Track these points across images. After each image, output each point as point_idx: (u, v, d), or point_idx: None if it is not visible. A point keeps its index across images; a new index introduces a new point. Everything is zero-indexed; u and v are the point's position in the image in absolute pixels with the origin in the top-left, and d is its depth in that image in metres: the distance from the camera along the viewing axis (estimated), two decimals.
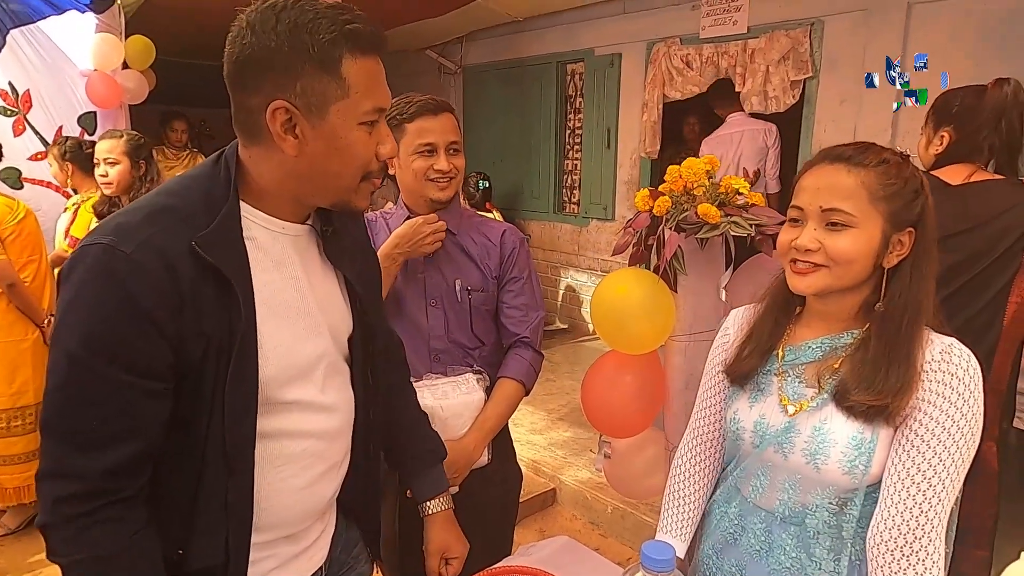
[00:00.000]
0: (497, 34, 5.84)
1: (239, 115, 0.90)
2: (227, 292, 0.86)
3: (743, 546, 1.12)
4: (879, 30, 3.71)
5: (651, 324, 1.54)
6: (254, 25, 0.84)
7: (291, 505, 0.98)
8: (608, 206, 5.34)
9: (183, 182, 0.91)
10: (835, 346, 1.06)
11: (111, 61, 3.93)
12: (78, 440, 0.81)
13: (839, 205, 0.98)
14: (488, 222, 1.61)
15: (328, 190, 0.93)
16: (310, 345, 0.97)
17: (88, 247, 0.82)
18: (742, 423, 1.12)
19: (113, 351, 0.80)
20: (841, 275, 1.00)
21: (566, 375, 4.55)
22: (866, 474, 0.99)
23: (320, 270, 1.02)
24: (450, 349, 1.54)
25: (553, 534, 3.03)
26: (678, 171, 1.54)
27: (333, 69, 0.85)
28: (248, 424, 0.89)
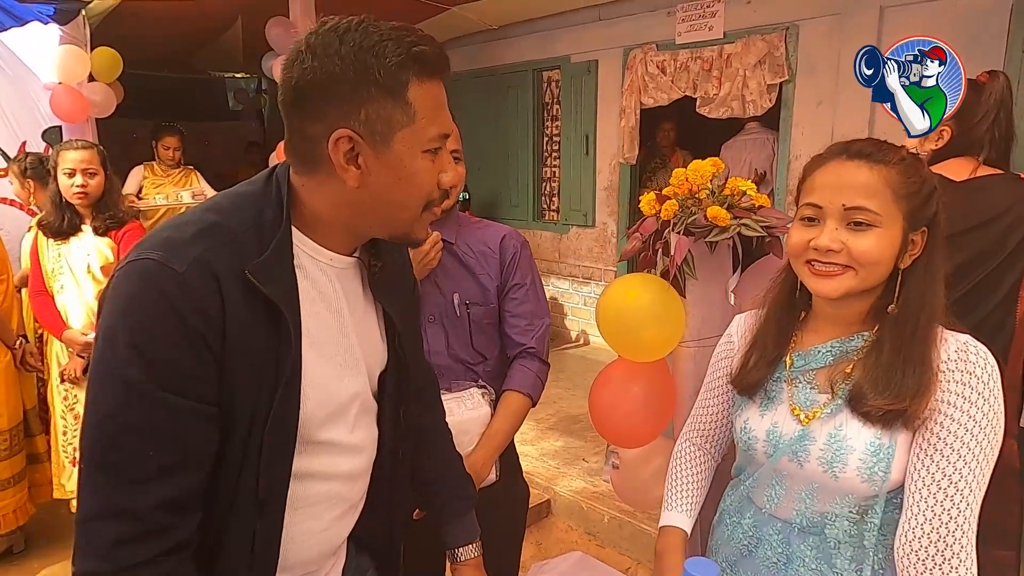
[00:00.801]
0: (473, 42, 5.82)
1: (295, 142, 0.84)
2: (277, 323, 0.81)
3: (760, 557, 1.09)
4: (853, 33, 3.77)
5: (661, 330, 1.50)
6: (315, 49, 0.79)
7: (310, 547, 0.93)
8: (588, 213, 5.34)
9: (233, 200, 0.86)
10: (846, 350, 1.03)
11: (76, 74, 3.81)
12: (131, 473, 0.74)
13: (864, 203, 0.95)
14: (487, 227, 1.55)
15: (388, 221, 0.88)
16: (347, 383, 0.93)
17: (135, 263, 0.76)
18: (754, 432, 1.09)
19: (168, 374, 0.74)
20: (866, 277, 0.98)
21: (552, 384, 4.48)
22: (886, 480, 0.96)
23: (362, 305, 0.97)
24: (451, 365, 1.48)
25: (550, 546, 2.98)
26: (684, 174, 1.51)
27: (399, 95, 0.80)
28: (285, 464, 0.84)
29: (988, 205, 1.59)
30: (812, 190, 1.01)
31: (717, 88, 4.32)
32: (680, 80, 4.53)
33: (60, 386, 2.67)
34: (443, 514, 1.22)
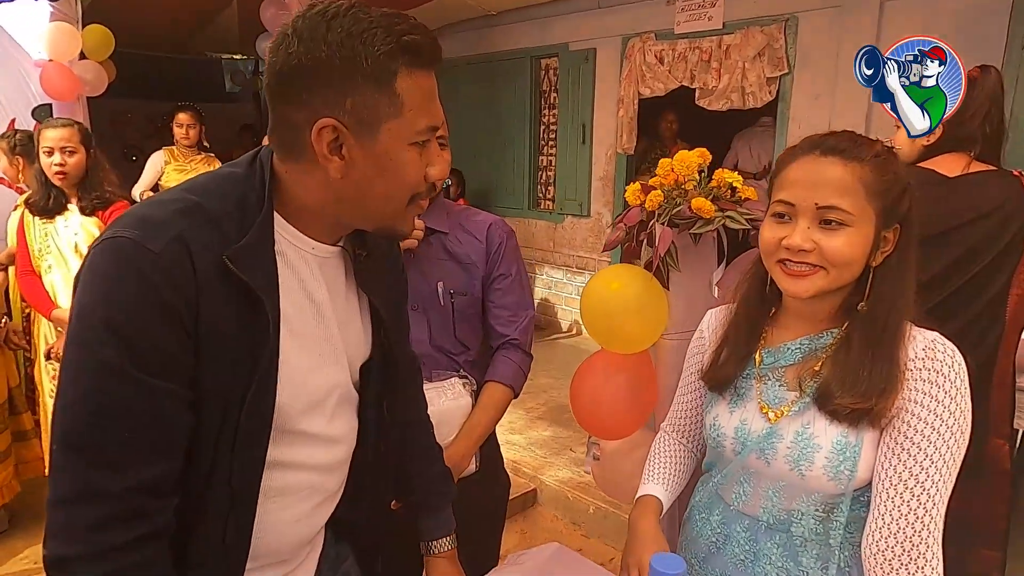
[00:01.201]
0: (469, 28, 5.77)
1: (279, 129, 0.82)
2: (254, 310, 0.79)
3: (728, 554, 1.09)
4: (852, 26, 3.74)
5: (643, 322, 1.49)
6: (302, 33, 0.76)
7: (284, 536, 0.92)
8: (583, 202, 5.31)
9: (215, 181, 0.83)
10: (815, 347, 1.02)
11: (68, 51, 3.76)
12: (107, 455, 0.72)
13: (836, 202, 0.93)
14: (474, 215, 1.53)
15: (372, 214, 0.86)
16: (326, 374, 0.91)
17: (111, 240, 0.74)
18: (722, 429, 1.09)
19: (144, 355, 0.72)
20: (837, 277, 0.96)
21: (543, 373, 4.51)
22: (852, 479, 0.96)
23: (344, 295, 0.95)
24: (433, 355, 1.46)
25: (535, 535, 2.99)
26: (670, 164, 1.49)
27: (387, 85, 0.77)
28: (258, 453, 0.83)
29: (980, 201, 1.57)
30: (784, 186, 0.98)
31: (716, 79, 4.29)
32: (678, 70, 4.49)
33: (48, 364, 2.66)
34: (419, 508, 1.22)
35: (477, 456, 1.48)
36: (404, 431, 1.16)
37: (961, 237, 1.57)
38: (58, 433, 0.73)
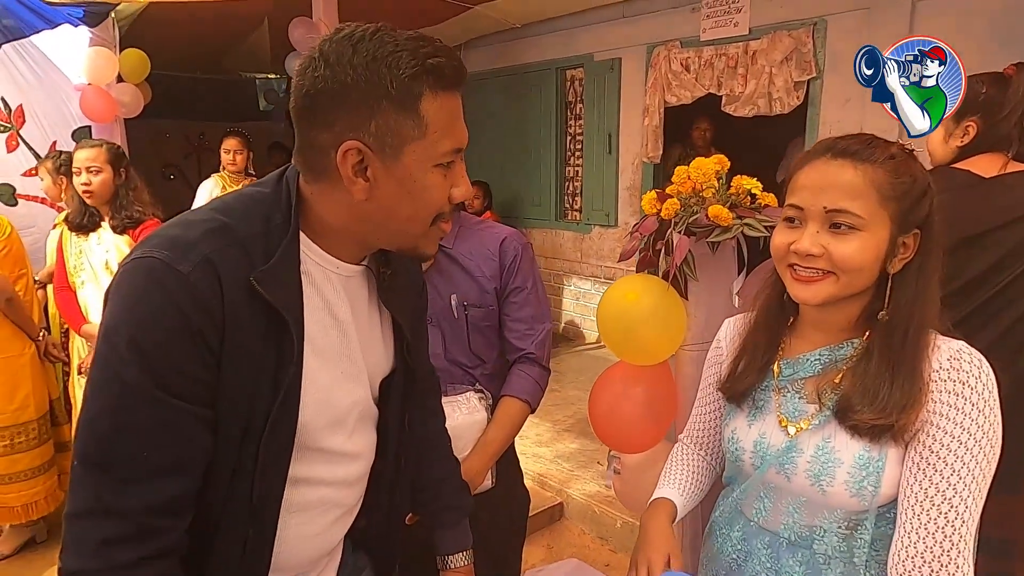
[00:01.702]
0: (496, 41, 5.81)
1: (304, 151, 0.83)
2: (279, 331, 0.80)
3: (749, 571, 1.05)
4: (882, 28, 3.65)
5: (661, 333, 1.46)
6: (328, 56, 0.77)
7: (303, 550, 0.92)
8: (610, 212, 5.28)
9: (242, 201, 0.85)
10: (835, 358, 0.98)
11: (105, 75, 3.90)
12: (124, 473, 0.73)
13: (846, 206, 0.90)
14: (488, 228, 1.52)
15: (396, 235, 0.86)
16: (348, 391, 0.92)
17: (140, 260, 0.75)
18: (741, 443, 1.05)
19: (167, 375, 0.74)
20: (848, 283, 0.92)
21: (571, 385, 4.47)
22: (876, 495, 0.92)
23: (367, 313, 0.96)
24: (448, 368, 1.46)
25: (561, 550, 2.95)
26: (686, 172, 1.46)
27: (412, 107, 0.78)
28: (280, 470, 0.84)
29: (1017, 203, 1.52)
30: (796, 190, 0.95)
31: (743, 86, 4.23)
32: (704, 78, 4.45)
33: (80, 378, 2.73)
34: (435, 522, 1.21)
35: (493, 471, 1.46)
36: (421, 444, 1.16)
37: (997, 240, 1.51)
38: (79, 448, 0.74)
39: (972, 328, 1.52)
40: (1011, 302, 1.52)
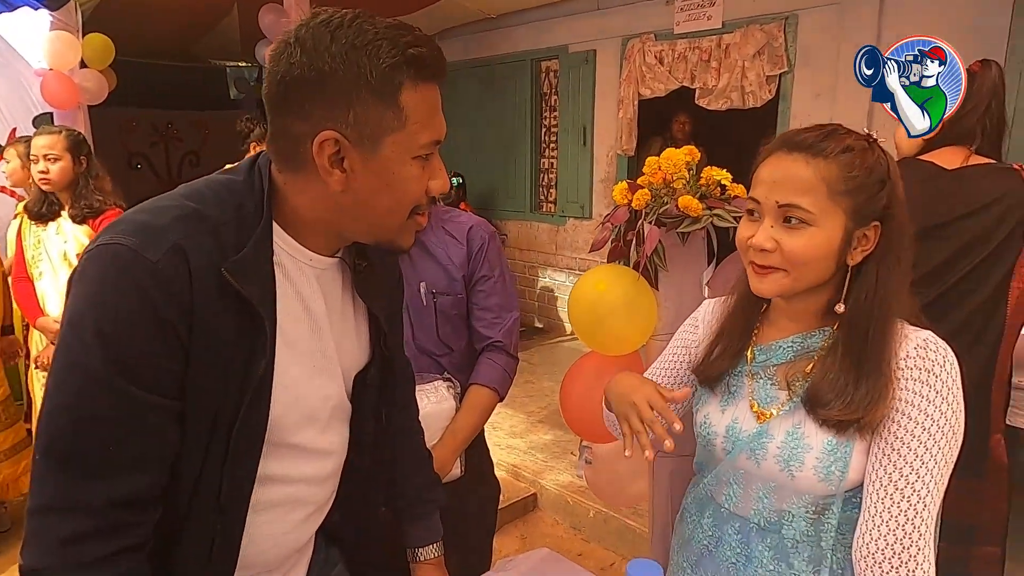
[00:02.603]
0: (469, 32, 5.77)
1: (279, 140, 0.80)
2: (251, 323, 0.77)
3: (720, 557, 1.06)
4: (852, 24, 3.70)
5: (632, 324, 1.47)
6: (305, 43, 0.74)
7: (273, 547, 0.90)
8: (585, 204, 5.29)
9: (213, 189, 0.81)
10: (807, 347, 1.00)
11: (68, 60, 3.77)
12: (88, 467, 0.71)
13: (796, 201, 0.91)
14: (455, 217, 1.51)
15: (373, 227, 0.84)
16: (320, 386, 0.89)
17: (107, 246, 0.72)
18: (713, 428, 1.06)
19: (134, 366, 0.71)
20: (800, 277, 0.94)
21: (545, 376, 4.48)
22: (843, 480, 0.93)
23: (340, 306, 0.93)
24: (416, 356, 1.45)
25: (534, 540, 2.96)
26: (657, 163, 1.47)
27: (391, 98, 0.75)
28: (249, 467, 0.81)
29: (979, 194, 1.56)
30: (755, 184, 0.97)
31: (716, 79, 4.26)
32: (678, 71, 4.47)
33: (37, 372, 2.66)
34: (406, 515, 1.20)
35: (462, 460, 1.45)
36: (397, 438, 1.14)
37: (960, 229, 1.56)
38: (41, 441, 0.72)
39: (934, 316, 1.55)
40: (971, 291, 1.56)
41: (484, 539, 1.68)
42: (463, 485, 1.47)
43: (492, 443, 1.67)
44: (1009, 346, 1.60)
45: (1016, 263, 1.56)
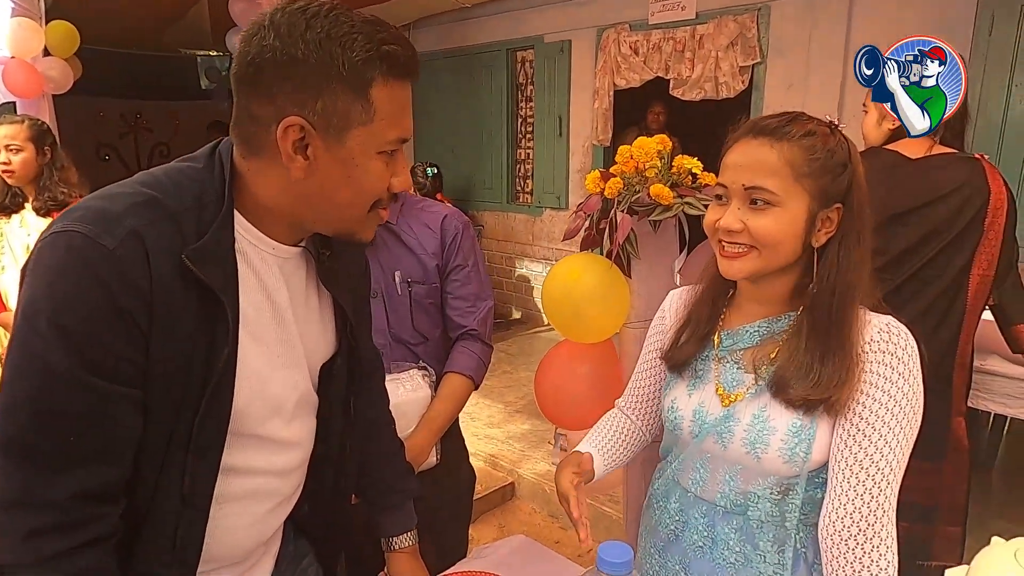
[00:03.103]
0: (444, 21, 5.73)
1: (243, 122, 0.79)
2: (213, 311, 0.76)
3: (686, 541, 1.08)
4: (822, 15, 3.75)
5: (605, 311, 1.48)
6: (279, 27, 0.73)
7: (237, 540, 0.89)
8: (561, 195, 5.30)
9: (171, 175, 0.80)
10: (772, 331, 1.02)
11: (30, 48, 3.68)
12: (51, 461, 0.69)
13: (761, 183, 0.93)
14: (429, 207, 1.51)
15: (332, 218, 0.83)
16: (284, 377, 0.88)
17: (60, 234, 0.70)
18: (680, 412, 1.08)
19: (95, 357, 0.69)
20: (769, 257, 0.96)
21: (522, 366, 4.50)
22: (807, 461, 0.96)
23: (304, 296, 0.92)
24: (391, 345, 1.45)
25: (512, 529, 2.98)
26: (629, 151, 1.48)
27: (361, 91, 0.75)
28: (213, 458, 0.80)
29: (941, 182, 1.59)
30: (723, 169, 0.99)
31: (690, 70, 4.29)
32: (653, 61, 4.49)
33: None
34: (379, 505, 1.20)
35: (438, 448, 1.46)
36: (367, 428, 1.14)
37: (922, 217, 1.59)
38: (0, 436, 0.70)
39: (899, 302, 1.59)
40: (934, 277, 1.60)
41: (460, 527, 1.68)
42: (439, 473, 1.48)
43: (470, 433, 1.68)
44: (970, 331, 1.64)
45: (976, 250, 1.60)
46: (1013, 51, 3.18)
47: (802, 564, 1.01)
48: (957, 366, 1.63)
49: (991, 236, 1.59)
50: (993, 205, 1.58)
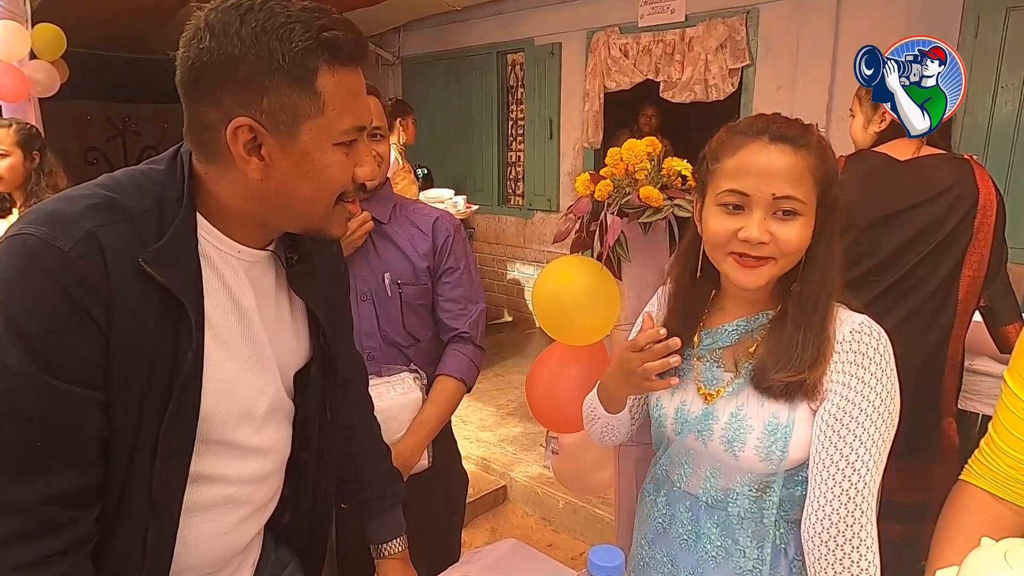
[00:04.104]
0: (435, 24, 5.72)
1: (193, 129, 0.78)
2: (176, 314, 0.75)
3: (672, 534, 1.10)
4: (811, 17, 3.77)
5: (595, 314, 1.47)
6: (214, 27, 0.72)
7: (209, 550, 0.88)
8: (552, 197, 5.31)
9: (132, 178, 0.79)
10: (751, 328, 1.03)
11: (16, 51, 3.64)
12: (15, 466, 0.69)
13: (792, 192, 0.92)
14: (421, 209, 1.51)
15: (298, 216, 0.82)
16: (252, 382, 0.87)
17: (15, 237, 0.70)
18: (664, 410, 1.10)
19: (54, 358, 0.69)
20: (786, 266, 0.97)
21: (514, 370, 4.50)
22: (783, 460, 0.97)
23: (274, 301, 0.91)
24: (382, 347, 1.44)
25: (505, 532, 2.97)
26: (619, 154, 1.47)
27: (306, 83, 0.74)
28: (181, 464, 0.79)
29: (930, 183, 1.60)
30: (737, 175, 0.95)
31: (680, 72, 4.30)
32: (642, 63, 4.50)
33: None
34: (367, 512, 1.19)
35: (429, 451, 1.45)
36: (347, 433, 1.12)
37: (910, 218, 1.59)
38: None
39: (888, 303, 1.59)
40: (924, 279, 1.60)
41: (452, 530, 1.68)
42: (431, 477, 1.47)
43: (462, 436, 1.68)
44: (960, 332, 1.65)
45: (966, 252, 1.60)
46: (999, 52, 3.21)
47: (782, 559, 1.02)
48: (947, 367, 1.63)
49: (981, 237, 1.60)
50: (982, 206, 1.59)
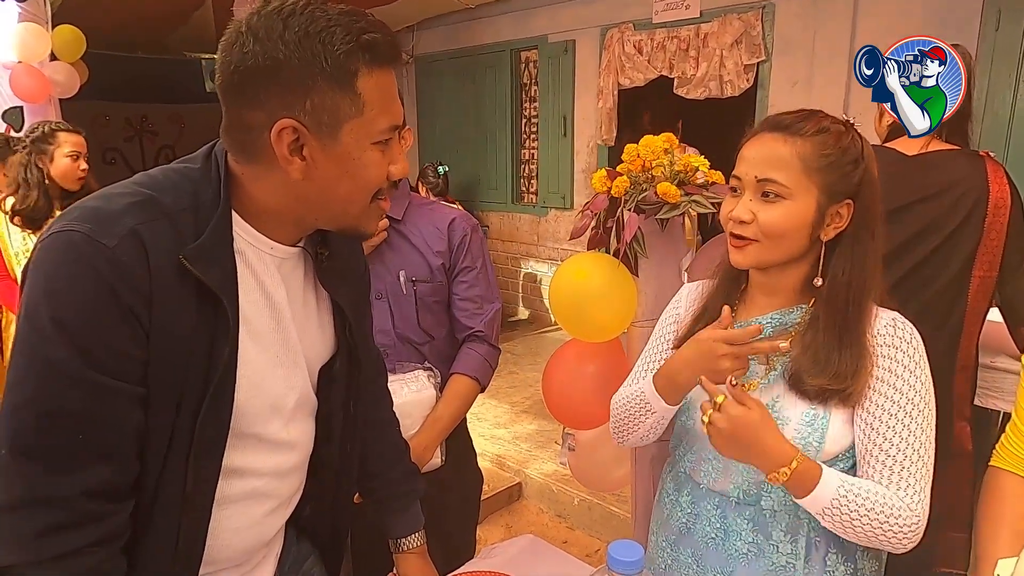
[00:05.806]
0: (448, 22, 5.74)
1: (234, 131, 0.79)
2: (213, 310, 0.77)
3: (698, 534, 1.10)
4: (828, 12, 3.74)
5: (612, 310, 1.48)
6: (257, 31, 0.73)
7: (236, 542, 0.90)
8: (566, 195, 5.30)
9: (169, 176, 0.81)
10: (785, 322, 1.03)
11: (37, 52, 3.70)
12: (58, 459, 0.70)
13: (773, 175, 0.96)
14: (438, 208, 1.52)
15: (336, 214, 0.84)
16: (283, 376, 0.89)
17: (60, 234, 0.71)
18: (693, 402, 1.09)
19: (98, 354, 0.70)
20: (773, 248, 0.98)
21: (529, 367, 4.50)
22: (820, 451, 0.97)
23: (302, 296, 0.93)
24: (397, 344, 1.45)
25: (520, 529, 2.97)
26: (636, 150, 1.47)
27: (348, 84, 0.75)
28: (215, 458, 0.81)
29: (934, 180, 1.57)
30: (738, 162, 1.02)
31: (695, 68, 4.28)
32: (657, 60, 4.48)
33: None
34: (386, 507, 1.20)
35: (442, 449, 1.46)
36: (369, 429, 1.13)
37: (915, 214, 1.56)
38: (6, 436, 0.71)
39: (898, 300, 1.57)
40: (932, 277, 1.56)
41: (467, 527, 1.69)
42: (445, 474, 1.48)
43: (476, 434, 1.68)
44: (972, 334, 1.61)
45: (977, 251, 1.57)
46: (1020, 48, 3.16)
47: (815, 553, 1.02)
48: (958, 370, 1.60)
49: (992, 236, 1.56)
50: (993, 204, 1.55)
